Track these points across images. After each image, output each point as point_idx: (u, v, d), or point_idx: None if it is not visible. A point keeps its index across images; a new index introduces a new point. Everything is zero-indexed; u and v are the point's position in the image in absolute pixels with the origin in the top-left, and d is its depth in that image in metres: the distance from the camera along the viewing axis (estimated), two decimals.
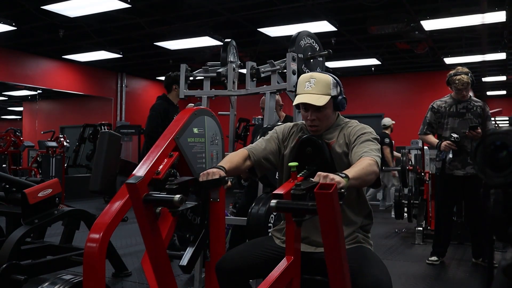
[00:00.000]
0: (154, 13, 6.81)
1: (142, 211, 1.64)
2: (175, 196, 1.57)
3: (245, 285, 1.95)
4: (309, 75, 1.92)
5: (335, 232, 1.44)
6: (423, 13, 6.58)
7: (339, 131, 1.93)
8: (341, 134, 1.91)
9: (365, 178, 1.62)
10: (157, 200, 1.62)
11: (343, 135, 1.91)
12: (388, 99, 10.95)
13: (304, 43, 2.97)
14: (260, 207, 2.52)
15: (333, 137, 1.92)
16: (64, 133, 9.85)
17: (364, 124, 1.95)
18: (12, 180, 3.46)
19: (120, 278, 3.65)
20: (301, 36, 2.96)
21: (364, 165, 1.64)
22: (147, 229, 1.68)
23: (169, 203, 1.59)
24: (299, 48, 2.91)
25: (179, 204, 1.57)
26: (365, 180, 1.63)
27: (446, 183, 4.11)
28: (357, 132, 1.86)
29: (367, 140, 1.81)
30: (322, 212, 1.40)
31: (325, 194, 1.35)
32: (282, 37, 7.79)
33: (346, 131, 1.91)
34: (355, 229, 1.90)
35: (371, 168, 1.65)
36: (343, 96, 1.94)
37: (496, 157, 0.83)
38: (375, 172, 1.67)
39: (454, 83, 3.98)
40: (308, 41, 3.01)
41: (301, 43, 2.95)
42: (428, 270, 4.05)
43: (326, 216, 1.40)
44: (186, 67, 3.34)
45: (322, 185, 1.38)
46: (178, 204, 1.56)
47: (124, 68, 11.23)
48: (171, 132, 2.10)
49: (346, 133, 1.90)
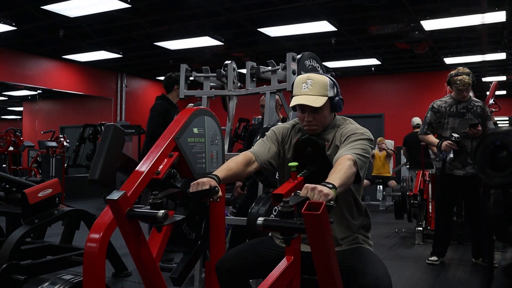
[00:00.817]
0: (154, 13, 6.81)
1: (127, 227, 1.60)
2: (159, 212, 1.52)
3: (245, 285, 1.95)
4: (305, 76, 1.90)
5: (325, 251, 1.40)
6: (423, 13, 6.58)
7: (335, 132, 1.92)
8: (337, 135, 1.90)
9: (348, 182, 1.60)
10: (140, 216, 1.57)
11: (338, 135, 1.89)
12: (388, 99, 10.95)
13: (308, 63, 3.00)
14: (260, 207, 2.52)
15: (329, 139, 1.90)
16: (64, 133, 9.85)
17: (361, 125, 1.93)
18: (12, 180, 3.46)
19: (120, 278, 3.65)
20: (306, 57, 3.00)
21: (345, 167, 1.61)
22: (133, 244, 1.63)
23: (152, 219, 1.53)
24: (303, 67, 2.93)
25: (163, 220, 1.51)
26: (348, 183, 1.61)
27: (446, 183, 4.11)
28: (348, 132, 1.84)
29: (355, 140, 1.78)
30: (311, 232, 1.35)
31: (314, 215, 1.30)
32: (282, 37, 7.79)
33: (340, 132, 1.89)
34: (355, 229, 1.90)
35: (351, 170, 1.62)
36: (340, 97, 1.92)
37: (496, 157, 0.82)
38: (354, 172, 1.64)
39: (455, 84, 3.98)
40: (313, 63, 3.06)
41: (306, 62, 2.97)
42: (428, 270, 4.05)
43: (315, 237, 1.37)
44: (186, 67, 3.34)
45: (310, 204, 1.33)
46: (162, 220, 1.51)
47: (124, 68, 11.23)
48: (171, 132, 2.10)
49: (338, 135, 1.89)
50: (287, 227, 1.40)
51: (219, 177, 1.73)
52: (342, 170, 1.59)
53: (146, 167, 1.91)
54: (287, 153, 1.98)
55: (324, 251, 1.40)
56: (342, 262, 1.68)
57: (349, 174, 1.60)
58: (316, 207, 1.31)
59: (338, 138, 1.87)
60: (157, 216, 1.51)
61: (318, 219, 1.30)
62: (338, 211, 1.84)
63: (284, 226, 1.41)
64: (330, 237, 1.41)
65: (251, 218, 2.48)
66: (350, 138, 1.80)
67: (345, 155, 1.68)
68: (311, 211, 1.31)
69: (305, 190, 1.43)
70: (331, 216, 1.40)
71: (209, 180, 1.68)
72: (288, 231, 1.42)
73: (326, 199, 1.39)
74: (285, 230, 1.42)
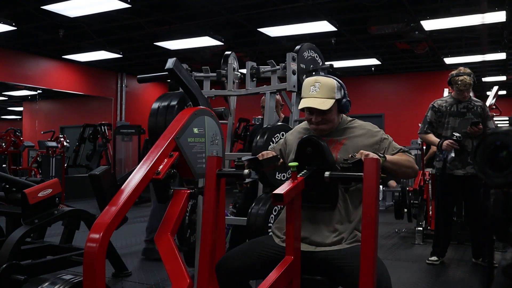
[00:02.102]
0: (154, 13, 6.82)
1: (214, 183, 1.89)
2: (244, 171, 1.88)
3: (245, 285, 1.95)
4: (313, 79, 1.95)
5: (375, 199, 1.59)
6: (423, 13, 6.59)
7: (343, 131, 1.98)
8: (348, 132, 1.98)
9: (402, 168, 1.83)
10: (230, 175, 1.93)
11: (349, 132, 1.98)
12: (388, 99, 10.96)
13: (307, 55, 2.99)
14: (260, 207, 2.52)
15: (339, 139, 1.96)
16: (64, 133, 9.85)
17: None
18: (12, 180, 3.46)
19: (120, 278, 3.65)
20: (304, 48, 2.98)
21: (404, 158, 1.86)
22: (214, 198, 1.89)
23: (239, 176, 1.89)
24: (302, 59, 2.92)
25: (247, 177, 1.88)
26: (401, 169, 1.84)
27: (446, 183, 4.10)
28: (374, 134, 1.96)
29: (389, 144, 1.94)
30: (368, 177, 1.59)
31: (372, 159, 1.61)
32: (282, 37, 7.79)
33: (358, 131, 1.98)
34: (357, 229, 1.90)
35: (410, 163, 1.87)
36: (347, 99, 1.98)
37: (496, 157, 0.83)
38: (414, 168, 1.88)
39: (456, 84, 3.98)
40: (311, 54, 3.04)
41: (304, 54, 2.97)
42: (428, 270, 4.05)
43: (371, 181, 1.59)
44: (186, 67, 3.34)
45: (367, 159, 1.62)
46: (246, 176, 1.88)
47: (124, 68, 11.24)
48: (171, 132, 2.10)
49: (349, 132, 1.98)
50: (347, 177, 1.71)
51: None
52: (399, 157, 1.86)
53: (146, 167, 1.91)
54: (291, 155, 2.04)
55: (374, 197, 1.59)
56: (342, 261, 1.69)
57: (405, 161, 1.86)
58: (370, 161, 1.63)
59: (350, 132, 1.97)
60: (243, 174, 1.87)
61: (375, 163, 1.60)
62: (342, 209, 1.85)
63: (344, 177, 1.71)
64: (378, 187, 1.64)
65: (251, 218, 2.49)
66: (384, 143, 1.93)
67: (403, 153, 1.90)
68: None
69: (360, 155, 1.69)
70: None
71: (269, 151, 2.03)
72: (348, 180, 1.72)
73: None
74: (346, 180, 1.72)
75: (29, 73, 9.47)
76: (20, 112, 12.11)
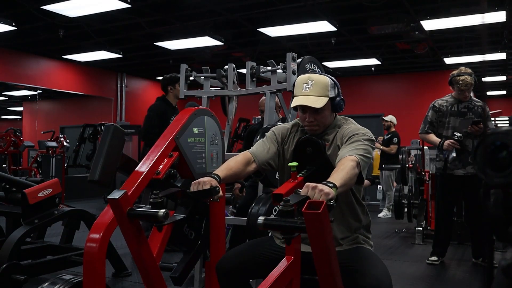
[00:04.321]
0: (154, 13, 6.81)
1: (127, 226, 1.61)
2: (159, 211, 1.54)
3: (245, 285, 1.95)
4: (306, 76, 1.89)
5: (326, 250, 1.41)
6: (423, 13, 6.58)
7: (336, 132, 1.91)
8: (338, 135, 1.89)
9: (350, 183, 1.61)
10: (141, 215, 1.59)
11: (339, 136, 1.89)
12: (388, 99, 10.95)
13: (309, 67, 3.00)
14: (260, 207, 2.52)
15: (330, 139, 1.90)
16: (64, 133, 9.85)
17: (361, 125, 1.92)
18: (12, 180, 3.46)
19: (120, 278, 3.65)
20: (306, 61, 3.00)
21: (347, 168, 1.61)
22: (134, 243, 1.64)
23: (153, 218, 1.55)
24: (303, 70, 2.93)
25: (164, 220, 1.53)
26: (350, 184, 1.62)
27: (446, 183, 4.11)
28: (349, 133, 1.83)
29: (357, 140, 1.78)
30: (312, 231, 1.36)
31: (314, 214, 1.31)
32: (282, 37, 7.79)
33: (341, 132, 1.89)
34: (356, 229, 1.89)
35: (353, 171, 1.62)
36: (341, 97, 1.92)
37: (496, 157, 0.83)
38: (356, 173, 1.64)
39: (458, 84, 3.98)
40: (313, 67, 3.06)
41: (306, 66, 2.98)
42: (428, 270, 4.05)
43: (316, 236, 1.37)
44: (186, 67, 3.34)
45: (311, 203, 1.33)
46: (162, 219, 1.53)
47: (124, 68, 11.23)
48: (171, 132, 2.10)
49: (339, 135, 1.89)
50: (287, 226, 1.40)
51: (219, 177, 1.73)
52: (344, 170, 1.59)
53: (146, 167, 1.91)
54: (286, 153, 1.97)
55: (325, 250, 1.40)
56: (342, 262, 1.68)
57: (351, 175, 1.60)
58: (316, 206, 1.31)
59: (339, 138, 1.87)
60: (158, 215, 1.53)
61: (318, 218, 1.30)
62: (339, 211, 1.84)
63: (284, 225, 1.41)
64: (331, 237, 1.41)
65: (251, 218, 2.48)
66: (352, 139, 1.79)
67: (348, 156, 1.68)
68: (312, 210, 1.31)
69: (306, 189, 1.44)
70: (331, 216, 1.39)
71: (209, 179, 1.68)
72: (288, 230, 1.42)
73: (327, 198, 1.39)
74: (286, 229, 1.42)
75: (29, 73, 9.47)
76: (20, 112, 12.11)
